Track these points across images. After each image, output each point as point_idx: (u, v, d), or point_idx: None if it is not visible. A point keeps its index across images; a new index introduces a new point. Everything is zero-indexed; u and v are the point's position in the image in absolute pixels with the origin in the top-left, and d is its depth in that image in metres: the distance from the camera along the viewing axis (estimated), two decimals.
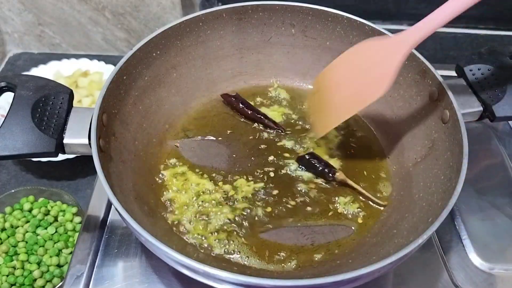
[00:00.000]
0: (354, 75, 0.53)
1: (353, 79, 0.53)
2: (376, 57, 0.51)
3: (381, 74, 0.50)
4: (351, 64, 0.54)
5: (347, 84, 0.54)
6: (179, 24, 0.62)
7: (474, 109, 0.56)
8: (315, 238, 0.54)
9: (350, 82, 0.54)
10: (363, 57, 0.53)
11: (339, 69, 0.56)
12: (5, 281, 0.62)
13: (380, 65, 0.51)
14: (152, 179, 0.59)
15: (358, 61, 0.53)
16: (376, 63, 0.51)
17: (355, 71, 0.53)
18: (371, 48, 0.52)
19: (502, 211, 0.64)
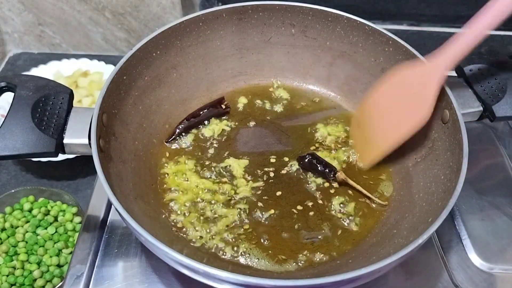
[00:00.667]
0: (395, 103, 0.54)
1: (394, 108, 0.54)
2: (413, 85, 0.52)
3: (419, 102, 0.51)
4: (391, 92, 0.55)
5: (389, 113, 0.55)
6: (179, 24, 0.62)
7: (474, 109, 0.56)
8: (315, 238, 0.54)
9: (392, 110, 0.55)
10: (401, 86, 0.54)
11: (380, 99, 0.57)
12: (5, 281, 0.62)
13: (417, 93, 0.52)
14: (152, 179, 0.59)
15: (397, 88, 0.54)
16: (415, 90, 0.52)
17: (395, 99, 0.54)
18: (409, 75, 0.53)
19: (502, 211, 0.64)
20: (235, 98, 0.70)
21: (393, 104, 0.54)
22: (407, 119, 0.53)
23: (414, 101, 0.52)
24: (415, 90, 0.52)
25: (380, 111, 0.56)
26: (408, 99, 0.53)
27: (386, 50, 0.63)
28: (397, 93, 0.54)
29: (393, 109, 0.54)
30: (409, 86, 0.53)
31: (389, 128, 0.55)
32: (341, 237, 0.55)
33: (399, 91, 0.54)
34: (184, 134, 0.64)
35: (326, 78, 0.71)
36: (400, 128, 0.54)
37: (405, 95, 0.53)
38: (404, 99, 0.53)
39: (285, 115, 0.68)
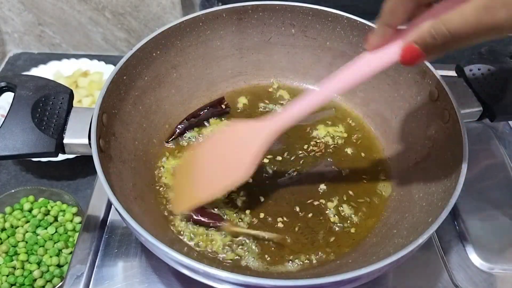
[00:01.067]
0: (220, 157, 0.53)
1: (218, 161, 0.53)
2: (242, 140, 0.51)
3: (242, 158, 0.50)
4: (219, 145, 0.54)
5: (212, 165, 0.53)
6: (179, 24, 0.62)
7: (474, 109, 0.56)
8: (315, 238, 0.54)
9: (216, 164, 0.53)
10: (230, 139, 0.53)
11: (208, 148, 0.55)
12: (5, 281, 0.62)
13: (242, 149, 0.51)
14: (152, 179, 0.59)
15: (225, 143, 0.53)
16: (239, 147, 0.51)
17: (220, 153, 0.53)
18: (238, 131, 0.52)
19: (502, 211, 0.64)
20: (235, 98, 0.70)
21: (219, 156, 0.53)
22: (229, 173, 0.51)
23: (238, 156, 0.51)
24: (242, 144, 0.51)
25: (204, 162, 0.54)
26: (233, 153, 0.52)
27: None
28: (225, 145, 0.53)
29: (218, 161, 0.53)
30: (237, 141, 0.52)
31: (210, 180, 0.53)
32: (341, 237, 0.55)
33: (228, 144, 0.53)
34: (184, 134, 0.64)
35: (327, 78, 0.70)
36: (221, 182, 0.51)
37: (231, 149, 0.52)
38: (230, 152, 0.52)
39: None
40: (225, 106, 0.67)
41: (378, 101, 0.66)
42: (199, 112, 0.65)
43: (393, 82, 0.63)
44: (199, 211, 0.54)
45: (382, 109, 0.66)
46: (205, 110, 0.65)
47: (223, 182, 0.51)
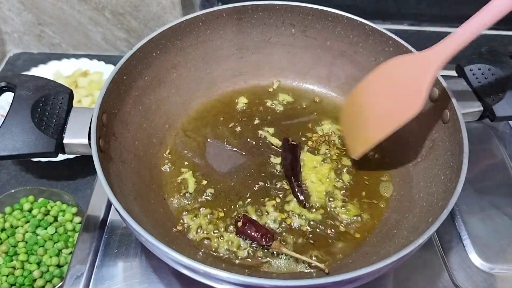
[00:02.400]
0: (386, 94, 0.53)
1: (385, 98, 0.53)
2: (407, 74, 0.51)
3: (412, 92, 0.50)
4: (382, 82, 0.53)
5: (379, 103, 0.53)
6: (179, 24, 0.62)
7: (474, 109, 0.56)
8: (315, 238, 0.54)
9: (383, 101, 0.53)
10: (394, 75, 0.52)
11: (371, 87, 0.55)
12: (5, 281, 0.62)
13: (411, 83, 0.50)
14: (152, 179, 0.59)
15: (389, 79, 0.52)
16: (407, 81, 0.50)
17: (387, 90, 0.53)
18: (402, 65, 0.52)
19: (502, 211, 0.64)
20: (235, 98, 0.70)
21: (384, 95, 0.53)
22: (399, 111, 0.51)
23: (406, 92, 0.50)
24: (407, 81, 0.50)
25: (371, 101, 0.54)
26: (400, 90, 0.51)
27: (386, 50, 0.63)
28: (388, 83, 0.52)
29: (384, 100, 0.53)
30: (401, 77, 0.51)
31: (380, 119, 0.53)
32: (341, 237, 0.55)
33: (391, 81, 0.52)
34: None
35: (326, 78, 0.71)
36: (391, 118, 0.52)
37: (397, 86, 0.52)
38: (396, 89, 0.52)
39: (285, 115, 0.68)
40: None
41: None
42: None
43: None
44: (251, 225, 0.53)
45: None
46: None
47: (394, 119, 0.51)
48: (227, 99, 0.69)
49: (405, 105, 0.50)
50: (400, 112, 0.51)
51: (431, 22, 0.96)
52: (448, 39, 0.48)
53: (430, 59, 0.49)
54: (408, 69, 0.50)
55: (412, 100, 0.50)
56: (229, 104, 0.69)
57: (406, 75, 0.50)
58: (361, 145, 0.56)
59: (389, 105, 0.52)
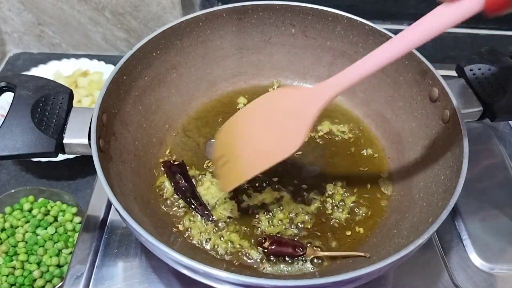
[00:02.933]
0: (267, 126, 0.48)
1: (265, 131, 0.48)
2: (292, 107, 0.46)
3: (295, 127, 0.46)
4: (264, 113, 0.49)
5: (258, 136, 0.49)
6: (179, 24, 0.62)
7: (475, 109, 0.56)
8: (316, 237, 0.54)
9: (262, 134, 0.48)
10: (279, 106, 0.48)
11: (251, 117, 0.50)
12: (5, 281, 0.62)
13: (295, 117, 0.46)
14: (152, 179, 0.59)
15: (272, 110, 0.48)
16: (291, 115, 0.46)
17: (267, 122, 0.48)
18: (288, 97, 0.47)
19: (502, 211, 0.64)
20: (235, 98, 0.70)
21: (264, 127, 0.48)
22: (278, 146, 0.47)
23: (288, 127, 0.46)
24: (291, 115, 0.46)
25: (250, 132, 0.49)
26: (282, 123, 0.47)
27: None
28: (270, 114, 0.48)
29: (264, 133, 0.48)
30: (286, 109, 0.47)
31: (257, 153, 0.48)
32: (341, 237, 0.55)
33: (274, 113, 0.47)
34: None
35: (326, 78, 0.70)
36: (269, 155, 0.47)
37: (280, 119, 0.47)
38: (278, 123, 0.47)
39: None
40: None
41: (378, 101, 0.66)
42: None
43: (393, 82, 0.63)
44: (276, 242, 0.51)
45: (382, 109, 0.66)
46: None
47: (272, 154, 0.47)
48: (227, 99, 0.69)
49: (286, 140, 0.46)
50: (280, 147, 0.47)
51: None
52: (342, 75, 0.45)
53: (318, 94, 0.45)
54: (294, 102, 0.46)
55: (293, 135, 0.46)
56: (229, 104, 0.69)
57: (291, 107, 0.46)
58: (232, 180, 0.50)
59: (268, 139, 0.48)
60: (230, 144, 0.51)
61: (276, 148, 0.47)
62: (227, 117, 0.66)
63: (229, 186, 0.52)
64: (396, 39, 0.42)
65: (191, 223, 0.55)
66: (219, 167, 0.53)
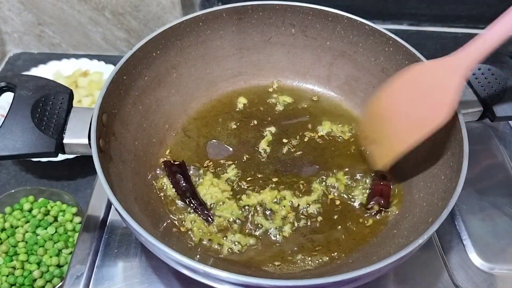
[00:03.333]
0: (411, 101, 0.50)
1: (410, 106, 0.50)
2: (431, 81, 0.48)
3: (439, 99, 0.47)
4: (406, 90, 0.50)
5: (404, 112, 0.50)
6: (179, 24, 0.62)
7: (475, 109, 0.56)
8: (315, 237, 0.54)
9: (407, 109, 0.50)
10: (419, 81, 0.49)
11: (394, 95, 0.52)
12: (5, 281, 0.62)
13: (437, 90, 0.47)
14: (152, 179, 0.58)
15: (413, 86, 0.50)
16: (432, 88, 0.47)
17: (411, 97, 0.50)
18: (425, 72, 0.49)
19: (502, 211, 0.64)
20: (235, 98, 0.70)
21: (409, 103, 0.50)
22: (425, 119, 0.48)
23: (432, 98, 0.47)
24: (432, 88, 0.47)
25: (394, 109, 0.51)
26: (426, 95, 0.48)
27: (386, 50, 0.63)
28: (412, 90, 0.49)
29: (409, 108, 0.50)
30: (425, 84, 0.48)
31: (405, 128, 0.50)
32: (342, 237, 0.55)
33: (415, 88, 0.49)
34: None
35: (326, 78, 0.71)
36: (417, 128, 0.49)
37: (422, 93, 0.48)
38: (421, 97, 0.48)
39: (285, 115, 0.68)
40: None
41: None
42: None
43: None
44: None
45: None
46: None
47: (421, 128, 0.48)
48: (227, 99, 0.69)
49: (431, 113, 0.48)
50: (427, 120, 0.48)
51: (431, 22, 0.96)
52: (476, 41, 0.45)
53: (456, 64, 0.46)
54: (432, 75, 0.48)
55: (438, 107, 0.47)
56: (229, 104, 0.69)
57: (431, 81, 0.48)
58: (384, 156, 0.53)
59: (414, 113, 0.49)
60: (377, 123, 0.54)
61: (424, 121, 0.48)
62: (227, 117, 0.67)
63: (382, 162, 0.54)
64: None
65: (192, 223, 0.55)
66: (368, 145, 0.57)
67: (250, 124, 0.66)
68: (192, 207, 0.55)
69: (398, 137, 0.51)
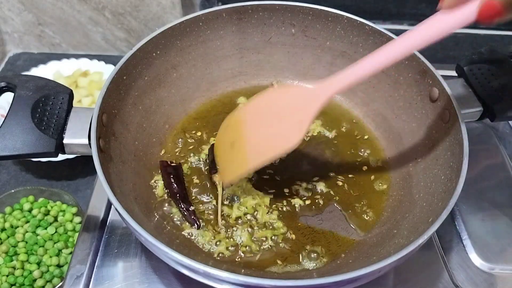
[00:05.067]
0: (270, 121, 0.50)
1: (268, 125, 0.50)
2: (293, 105, 0.49)
3: (296, 123, 0.48)
4: (267, 108, 0.51)
5: (262, 130, 0.51)
6: (179, 24, 0.62)
7: (474, 109, 0.56)
8: (316, 237, 0.54)
9: (265, 128, 0.51)
10: (282, 103, 0.50)
11: (255, 111, 0.52)
12: (5, 281, 0.62)
13: (296, 114, 0.48)
14: (152, 179, 0.58)
15: (275, 106, 0.50)
16: (292, 112, 0.49)
17: (271, 117, 0.50)
18: (291, 95, 0.50)
19: (502, 211, 0.64)
20: (235, 98, 0.70)
21: (267, 122, 0.50)
22: (279, 139, 0.49)
23: (289, 123, 0.49)
24: (292, 111, 0.49)
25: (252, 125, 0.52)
26: (284, 119, 0.49)
27: None
28: (274, 110, 0.50)
29: (267, 127, 0.50)
30: (287, 106, 0.49)
31: (260, 146, 0.50)
32: (342, 237, 0.55)
33: (277, 109, 0.50)
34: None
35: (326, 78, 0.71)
36: (271, 148, 0.50)
37: (282, 115, 0.49)
38: (280, 118, 0.50)
39: None
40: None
41: (378, 101, 0.66)
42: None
43: (393, 82, 0.63)
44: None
45: (382, 109, 0.66)
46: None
47: (274, 147, 0.49)
48: (227, 99, 0.69)
49: (286, 134, 0.49)
50: (281, 141, 0.49)
51: None
52: (344, 72, 0.47)
53: (318, 94, 0.48)
54: (295, 99, 0.49)
55: (293, 130, 0.48)
56: (229, 104, 0.69)
57: (292, 105, 0.49)
58: (234, 171, 0.53)
59: (271, 132, 0.50)
60: (232, 137, 0.53)
61: (277, 142, 0.49)
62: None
63: (231, 176, 0.53)
64: (396, 41, 0.44)
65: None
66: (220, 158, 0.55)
67: None
68: (181, 210, 0.55)
69: (252, 154, 0.51)
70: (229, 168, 0.54)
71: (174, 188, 0.56)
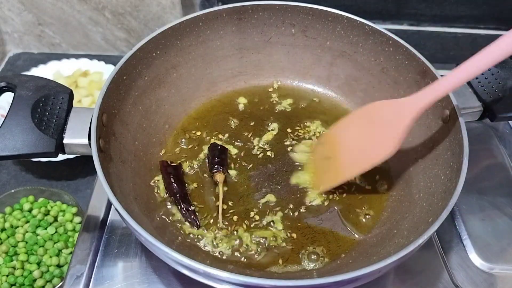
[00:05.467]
0: (364, 134, 0.54)
1: (362, 138, 0.54)
2: (385, 118, 0.52)
3: (389, 135, 0.51)
4: (361, 123, 0.55)
5: (354, 143, 0.55)
6: (179, 24, 0.62)
7: (475, 109, 0.56)
8: (316, 237, 0.54)
9: (359, 140, 0.55)
10: (374, 117, 0.54)
11: (350, 126, 0.57)
12: (5, 281, 0.62)
13: (388, 126, 0.52)
14: (152, 179, 0.58)
15: (368, 120, 0.54)
16: (385, 125, 0.52)
17: (364, 130, 0.54)
18: (381, 109, 0.53)
19: (502, 211, 0.64)
20: (235, 98, 0.70)
21: (361, 135, 0.54)
22: (374, 151, 0.53)
23: (383, 135, 0.52)
24: (385, 125, 0.52)
25: (348, 137, 0.56)
26: (378, 132, 0.53)
27: (386, 50, 0.63)
28: (367, 124, 0.54)
29: (361, 139, 0.54)
30: (380, 120, 0.53)
31: (354, 159, 0.55)
32: (342, 237, 0.55)
33: (370, 123, 0.54)
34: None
35: (326, 78, 0.71)
36: (364, 158, 0.54)
37: (375, 128, 0.53)
38: (374, 131, 0.53)
39: (285, 115, 0.68)
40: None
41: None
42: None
43: (393, 82, 0.63)
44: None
45: None
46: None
47: (369, 158, 0.53)
48: (227, 99, 0.69)
49: (380, 146, 0.52)
50: (375, 152, 0.53)
51: (431, 22, 0.96)
52: (432, 86, 0.49)
53: (409, 106, 0.50)
54: (388, 113, 0.52)
55: (387, 143, 0.51)
56: (229, 104, 0.69)
57: (385, 118, 0.52)
58: (327, 181, 0.57)
59: (365, 145, 0.54)
60: (327, 149, 0.58)
61: (373, 153, 0.53)
62: (227, 117, 0.67)
63: (326, 185, 0.57)
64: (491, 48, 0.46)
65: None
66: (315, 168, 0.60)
67: (250, 124, 0.66)
68: (181, 210, 0.55)
69: (346, 166, 0.55)
70: (323, 178, 0.58)
71: (174, 188, 0.56)
